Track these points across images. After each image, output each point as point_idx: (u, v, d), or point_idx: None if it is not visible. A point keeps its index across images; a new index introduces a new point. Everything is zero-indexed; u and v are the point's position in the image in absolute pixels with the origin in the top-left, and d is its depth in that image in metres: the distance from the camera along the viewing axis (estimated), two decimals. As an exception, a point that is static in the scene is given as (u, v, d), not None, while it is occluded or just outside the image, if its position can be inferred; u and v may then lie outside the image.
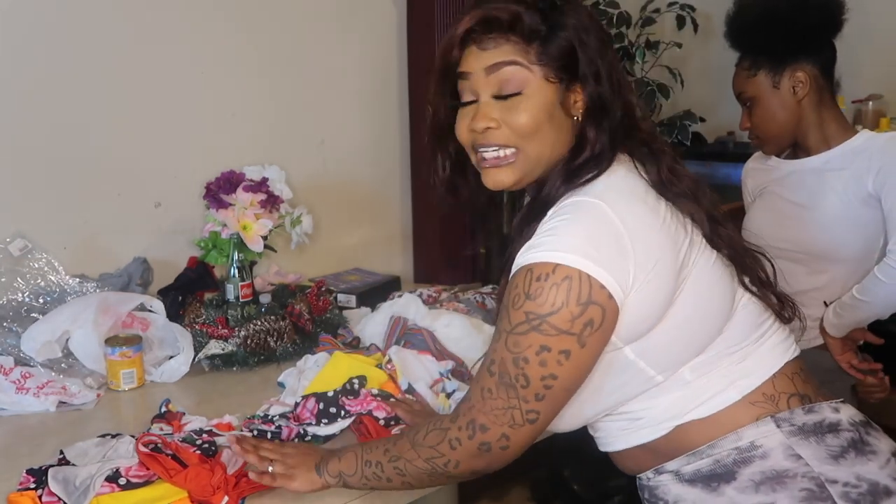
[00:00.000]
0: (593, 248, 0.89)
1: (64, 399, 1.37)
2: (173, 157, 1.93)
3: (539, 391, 0.89)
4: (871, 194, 1.52)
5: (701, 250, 0.97)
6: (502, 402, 0.90)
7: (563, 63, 0.97)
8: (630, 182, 0.97)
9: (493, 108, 0.98)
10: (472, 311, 1.74)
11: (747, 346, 0.99)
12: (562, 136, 0.99)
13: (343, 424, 1.22)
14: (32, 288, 1.66)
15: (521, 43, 0.97)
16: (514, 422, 0.91)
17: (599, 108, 0.99)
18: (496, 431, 0.91)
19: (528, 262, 0.91)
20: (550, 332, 0.88)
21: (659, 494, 0.99)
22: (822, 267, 1.58)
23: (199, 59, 1.94)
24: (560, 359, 0.88)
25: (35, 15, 1.69)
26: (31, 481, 1.07)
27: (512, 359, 0.90)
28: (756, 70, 1.58)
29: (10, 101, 1.68)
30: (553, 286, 0.87)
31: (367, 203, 2.36)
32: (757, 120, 1.59)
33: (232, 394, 1.44)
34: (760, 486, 0.92)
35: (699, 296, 0.95)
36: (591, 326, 0.88)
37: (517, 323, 0.89)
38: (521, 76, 0.97)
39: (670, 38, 2.88)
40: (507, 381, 0.90)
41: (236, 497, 1.03)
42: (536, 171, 1.00)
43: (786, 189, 1.65)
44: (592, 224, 0.91)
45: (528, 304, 0.89)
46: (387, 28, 2.32)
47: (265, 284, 1.90)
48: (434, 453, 0.95)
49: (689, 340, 0.96)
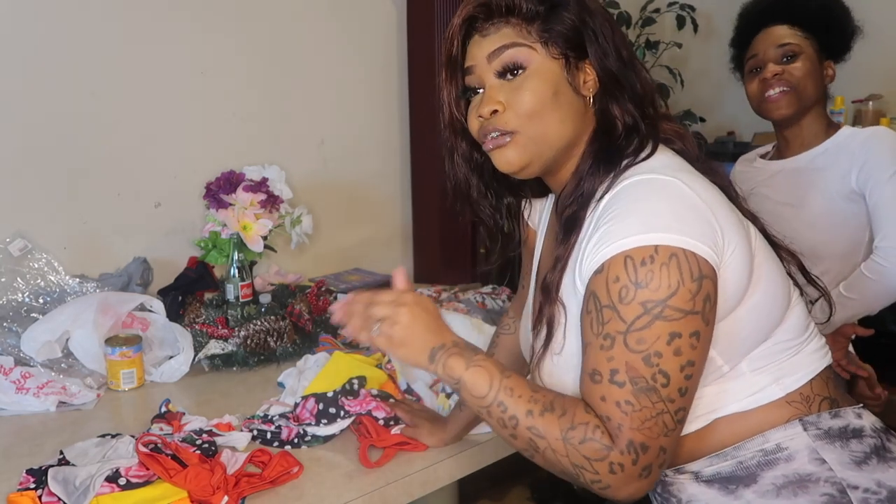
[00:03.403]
0: (684, 224, 0.82)
1: (64, 399, 1.37)
2: (173, 157, 1.93)
3: (681, 385, 0.82)
4: (855, 190, 1.53)
5: (755, 231, 0.95)
6: (649, 411, 0.81)
7: (567, 39, 0.95)
8: (681, 163, 0.94)
9: (498, 90, 0.95)
10: (472, 311, 1.74)
11: (798, 343, 0.97)
12: (570, 116, 0.95)
13: (343, 425, 1.22)
14: (32, 288, 1.66)
15: (521, 24, 0.95)
16: (668, 428, 0.82)
17: (614, 82, 0.95)
18: (654, 446, 0.81)
19: (619, 250, 0.82)
20: (676, 317, 0.81)
21: (672, 492, 0.97)
22: (810, 265, 1.59)
23: (199, 59, 1.95)
24: (693, 342, 0.81)
25: (35, 15, 1.69)
26: (31, 481, 1.07)
27: (643, 358, 0.81)
28: (808, 37, 1.59)
29: (10, 101, 1.68)
30: (662, 266, 0.80)
31: (367, 203, 2.37)
32: (802, 74, 1.58)
33: (232, 394, 1.44)
34: (782, 491, 0.90)
35: (766, 276, 0.92)
36: (709, 302, 0.82)
37: (635, 317, 0.81)
38: (524, 55, 0.95)
39: (670, 38, 2.88)
40: (643, 385, 0.81)
41: (236, 497, 1.03)
42: (544, 154, 0.96)
43: (773, 190, 1.66)
44: (673, 200, 0.85)
45: (642, 292, 0.81)
46: (387, 27, 2.32)
47: (265, 284, 1.90)
48: (587, 465, 0.83)
49: (756, 326, 0.92)
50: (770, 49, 1.60)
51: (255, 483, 1.06)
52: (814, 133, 1.62)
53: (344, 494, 1.07)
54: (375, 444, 1.18)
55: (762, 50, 1.61)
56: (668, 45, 2.86)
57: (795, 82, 1.58)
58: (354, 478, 1.12)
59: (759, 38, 1.62)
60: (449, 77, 1.01)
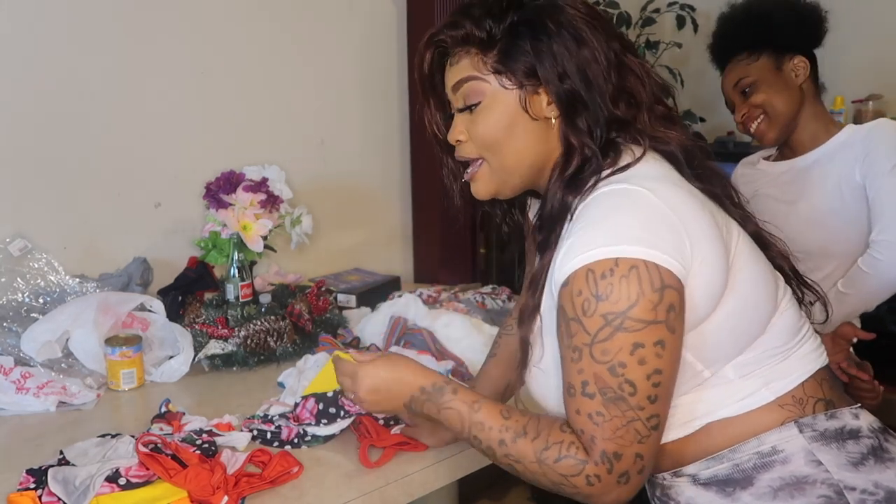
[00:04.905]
0: (649, 234, 0.83)
1: (64, 399, 1.37)
2: (173, 157, 1.93)
3: (650, 392, 0.83)
4: (860, 183, 1.52)
5: (741, 237, 0.95)
6: (619, 420, 0.83)
7: (522, 67, 0.95)
8: (658, 168, 0.94)
9: (462, 120, 1.00)
10: (472, 311, 1.74)
11: (789, 348, 0.97)
12: (532, 143, 0.97)
13: (343, 425, 1.22)
14: (32, 288, 1.66)
15: (478, 55, 0.97)
16: (641, 435, 0.83)
17: (573, 106, 0.94)
18: (629, 454, 0.84)
19: (582, 264, 0.84)
20: (637, 327, 0.82)
21: (671, 495, 0.98)
22: (818, 264, 1.58)
23: (199, 59, 1.95)
24: (657, 351, 0.82)
25: (35, 15, 1.69)
26: (31, 481, 1.07)
27: (607, 369, 0.82)
28: (758, 56, 1.60)
29: (10, 101, 1.68)
30: (622, 279, 0.81)
31: (367, 203, 2.37)
32: (763, 98, 1.58)
33: (232, 394, 1.44)
34: (779, 493, 0.90)
35: (746, 283, 0.92)
36: (673, 311, 0.83)
37: (598, 329, 0.83)
38: (478, 88, 0.97)
39: (670, 38, 2.88)
40: (611, 395, 0.83)
41: (236, 497, 1.03)
42: (510, 181, 0.99)
43: (777, 189, 1.65)
44: (639, 210, 0.85)
45: (602, 305, 0.82)
46: (387, 28, 2.32)
47: (265, 284, 1.90)
48: (565, 482, 0.87)
49: (738, 333, 0.93)
50: (730, 92, 1.65)
51: (255, 483, 1.06)
52: (813, 132, 1.62)
53: (344, 494, 1.07)
54: (375, 443, 1.18)
55: (726, 94, 1.67)
56: (668, 45, 2.86)
57: (770, 107, 1.60)
58: (354, 478, 1.12)
59: (722, 82, 1.68)
60: (427, 97, 1.06)
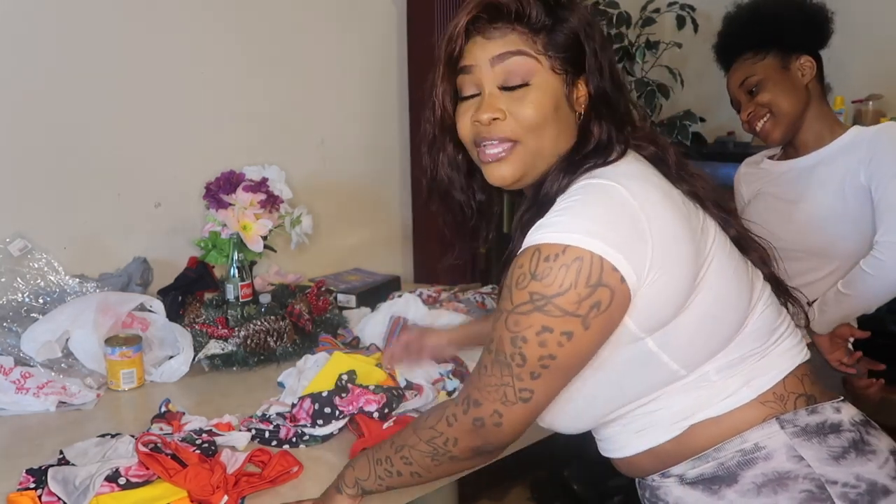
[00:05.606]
0: (609, 230, 0.85)
1: (64, 399, 1.37)
2: (173, 157, 1.93)
3: (535, 370, 0.88)
4: (864, 185, 1.52)
5: (717, 239, 0.96)
6: (496, 380, 0.90)
7: (568, 56, 0.96)
8: (643, 169, 0.95)
9: (498, 98, 0.96)
10: (472, 311, 1.74)
11: (767, 346, 0.98)
12: (564, 131, 0.98)
13: (339, 424, 1.22)
14: (32, 288, 1.66)
15: (527, 33, 0.96)
16: (507, 399, 0.89)
17: (604, 102, 0.98)
18: (489, 407, 0.90)
19: (536, 241, 0.87)
20: (555, 314, 0.85)
21: (660, 495, 0.99)
22: (819, 264, 1.58)
23: (198, 60, 1.95)
24: (561, 340, 0.86)
25: (35, 15, 1.69)
26: (30, 481, 1.07)
27: (510, 338, 0.88)
28: (764, 55, 1.60)
29: (10, 101, 1.68)
30: (562, 267, 0.84)
31: (367, 203, 2.37)
32: (769, 97, 1.58)
33: (232, 394, 1.44)
34: (762, 489, 0.91)
35: (720, 285, 0.94)
36: (597, 308, 0.85)
37: (520, 303, 0.87)
38: (529, 66, 0.95)
39: (670, 38, 2.88)
40: (502, 359, 0.89)
41: (236, 497, 1.03)
42: (538, 167, 0.98)
43: (780, 188, 1.65)
44: (608, 205, 0.88)
45: (534, 284, 0.86)
46: (387, 27, 2.32)
47: (265, 284, 1.90)
48: (434, 433, 0.95)
49: (711, 332, 0.94)
50: (736, 91, 1.65)
51: (254, 483, 1.06)
52: (818, 132, 1.62)
53: (344, 494, 1.07)
54: (368, 444, 1.17)
55: (732, 93, 1.66)
56: (668, 45, 2.86)
57: (776, 106, 1.59)
58: (354, 477, 1.12)
59: (728, 81, 1.68)
60: (446, 76, 1.01)
